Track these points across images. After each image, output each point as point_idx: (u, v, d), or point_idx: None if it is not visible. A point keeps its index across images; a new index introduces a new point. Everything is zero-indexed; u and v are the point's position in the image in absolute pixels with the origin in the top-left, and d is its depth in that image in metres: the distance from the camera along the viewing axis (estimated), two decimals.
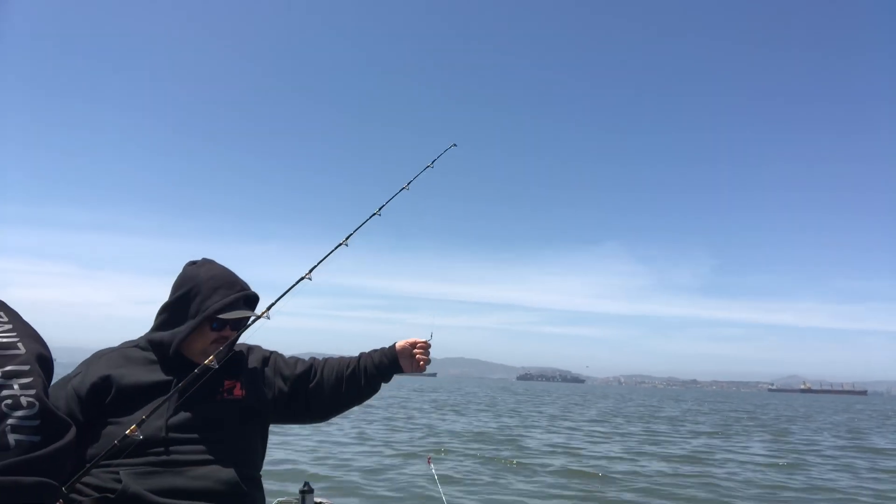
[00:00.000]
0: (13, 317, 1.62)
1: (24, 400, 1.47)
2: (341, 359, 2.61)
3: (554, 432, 18.55)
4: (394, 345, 2.62)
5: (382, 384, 2.61)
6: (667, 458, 13.71)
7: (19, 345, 1.57)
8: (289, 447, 12.60)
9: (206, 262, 2.42)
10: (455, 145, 3.52)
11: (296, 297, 2.50)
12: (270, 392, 2.43)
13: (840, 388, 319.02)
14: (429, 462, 4.36)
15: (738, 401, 75.51)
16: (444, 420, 21.32)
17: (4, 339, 1.55)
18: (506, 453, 13.35)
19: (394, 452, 12.72)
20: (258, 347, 2.55)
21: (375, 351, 2.63)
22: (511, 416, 24.67)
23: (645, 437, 18.41)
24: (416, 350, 2.60)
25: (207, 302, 2.28)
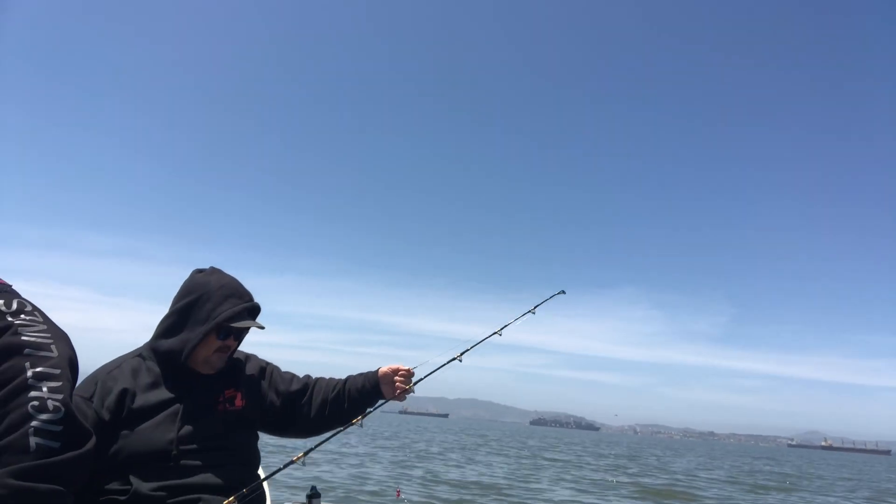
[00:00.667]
0: (46, 319, 1.63)
1: (50, 403, 1.50)
2: (329, 381, 2.66)
3: (560, 482, 17.69)
4: (377, 370, 2.63)
5: (367, 409, 2.64)
6: None
7: (53, 347, 1.58)
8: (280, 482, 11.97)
9: (215, 271, 2.43)
10: (563, 292, 3.56)
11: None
12: (264, 403, 2.51)
13: (863, 447, 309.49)
14: (398, 495, 3.96)
15: (758, 456, 72.92)
16: (446, 465, 20.51)
17: (40, 339, 1.56)
18: None
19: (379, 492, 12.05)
20: (255, 356, 2.60)
21: (360, 375, 2.65)
22: (518, 464, 23.75)
23: (658, 489, 17.45)
24: (396, 378, 2.59)
25: (219, 309, 2.30)
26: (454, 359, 2.84)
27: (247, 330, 2.42)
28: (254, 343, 2.61)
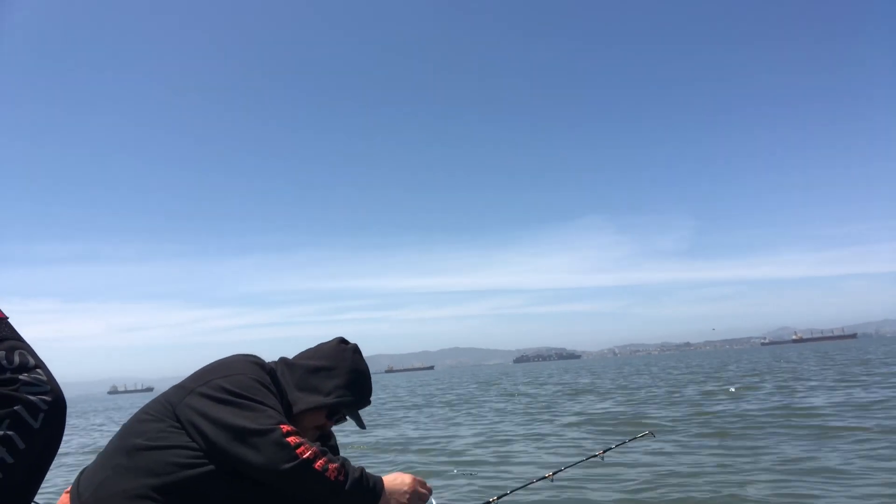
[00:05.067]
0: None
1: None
2: None
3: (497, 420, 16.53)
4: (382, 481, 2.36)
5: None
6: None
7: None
8: None
9: (358, 352, 2.46)
10: (653, 434, 3.75)
11: None
12: None
13: (830, 335, 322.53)
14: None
15: (728, 358, 74.17)
16: (410, 422, 19.22)
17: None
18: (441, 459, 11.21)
19: None
20: (333, 435, 2.59)
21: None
22: (467, 409, 22.67)
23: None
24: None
25: (343, 393, 2.33)
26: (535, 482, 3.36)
27: (357, 425, 2.46)
28: (235, 327, 1.41)
